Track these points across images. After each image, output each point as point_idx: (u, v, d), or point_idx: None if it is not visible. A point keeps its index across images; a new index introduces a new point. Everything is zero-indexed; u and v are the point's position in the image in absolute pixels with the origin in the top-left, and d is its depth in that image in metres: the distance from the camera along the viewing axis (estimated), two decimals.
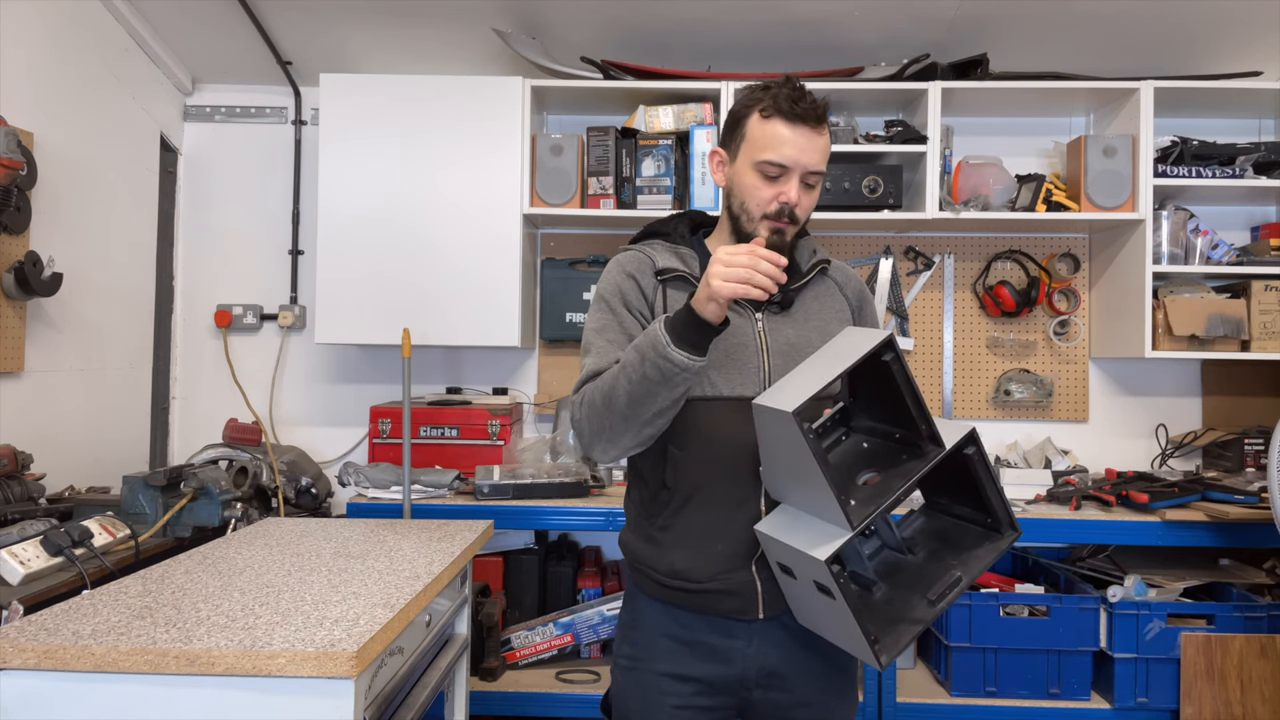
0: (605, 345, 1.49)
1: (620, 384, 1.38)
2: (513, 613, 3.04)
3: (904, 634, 1.34)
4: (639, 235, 1.64)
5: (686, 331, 1.33)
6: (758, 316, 1.53)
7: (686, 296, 1.48)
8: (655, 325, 1.36)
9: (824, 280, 1.61)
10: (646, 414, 1.39)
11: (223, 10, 3.00)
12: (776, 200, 1.46)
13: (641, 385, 1.36)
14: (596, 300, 1.56)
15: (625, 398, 1.38)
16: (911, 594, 1.38)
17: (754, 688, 1.52)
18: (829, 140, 1.49)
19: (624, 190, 3.05)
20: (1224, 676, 2.62)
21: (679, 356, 1.32)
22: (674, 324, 1.34)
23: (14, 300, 2.57)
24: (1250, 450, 3.03)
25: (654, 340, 1.34)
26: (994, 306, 3.28)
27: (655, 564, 1.53)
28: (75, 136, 2.84)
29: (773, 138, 1.45)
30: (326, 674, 1.32)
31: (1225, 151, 3.01)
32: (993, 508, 1.39)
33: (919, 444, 1.33)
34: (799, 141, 1.44)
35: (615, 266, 1.57)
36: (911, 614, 1.35)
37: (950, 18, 2.96)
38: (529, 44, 3.04)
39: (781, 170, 1.45)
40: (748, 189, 1.48)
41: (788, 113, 1.44)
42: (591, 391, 1.44)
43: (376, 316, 2.99)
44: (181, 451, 3.40)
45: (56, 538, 2.06)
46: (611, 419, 1.41)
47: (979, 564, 1.38)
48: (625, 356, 1.39)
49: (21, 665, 1.32)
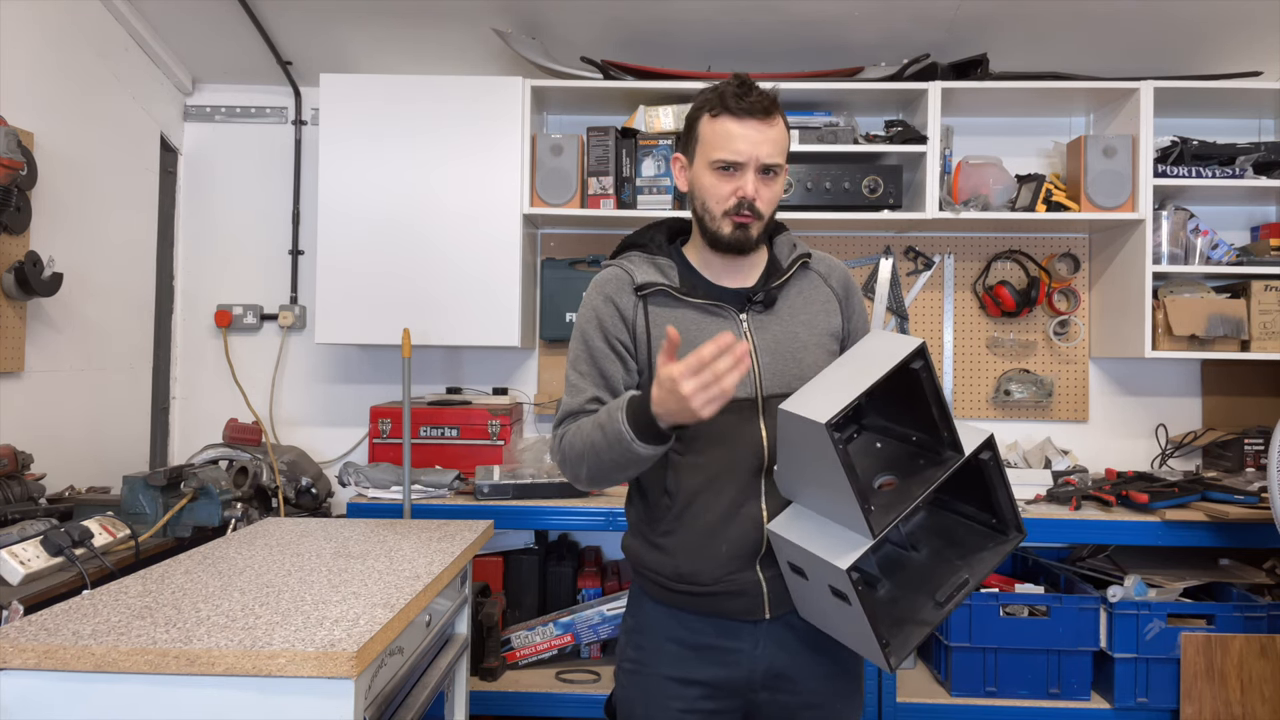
0: (578, 380, 1.53)
1: (589, 457, 1.43)
2: (513, 613, 3.03)
3: (913, 636, 1.34)
4: (618, 249, 1.65)
5: (649, 429, 1.34)
6: (743, 317, 1.54)
7: (665, 310, 1.51)
8: (619, 416, 1.36)
9: (806, 274, 1.61)
10: (623, 477, 1.47)
11: (223, 10, 3.00)
12: (734, 195, 1.48)
13: (611, 465, 1.41)
14: (575, 330, 1.59)
15: (596, 469, 1.44)
16: (918, 594, 1.37)
17: (760, 690, 1.52)
18: (783, 131, 1.51)
19: (624, 190, 3.05)
20: (1224, 676, 2.62)
21: (643, 450, 1.36)
22: (638, 419, 1.34)
23: (14, 300, 2.57)
24: (1250, 450, 3.03)
25: (618, 434, 1.36)
26: (994, 306, 3.28)
27: (660, 568, 1.53)
28: (75, 136, 2.84)
29: (723, 135, 1.47)
30: (326, 674, 1.32)
31: (1225, 151, 3.01)
32: (1001, 510, 1.39)
33: (938, 450, 1.32)
34: (749, 135, 1.46)
35: (594, 290, 1.58)
36: (919, 615, 1.35)
37: (950, 18, 2.96)
38: (529, 44, 3.04)
39: (735, 165, 1.47)
40: (706, 189, 1.50)
41: (734, 109, 1.46)
42: (566, 446, 1.49)
43: (376, 316, 2.99)
44: (181, 451, 3.40)
45: (56, 538, 2.06)
46: (586, 475, 1.47)
47: (985, 566, 1.38)
48: (592, 434, 1.42)
49: (21, 665, 1.32)
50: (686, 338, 1.50)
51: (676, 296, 1.52)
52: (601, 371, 1.52)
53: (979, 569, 1.37)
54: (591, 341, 1.53)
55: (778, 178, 1.51)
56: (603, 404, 1.50)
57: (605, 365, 1.52)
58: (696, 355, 1.25)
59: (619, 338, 1.52)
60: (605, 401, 1.50)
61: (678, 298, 1.52)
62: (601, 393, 1.51)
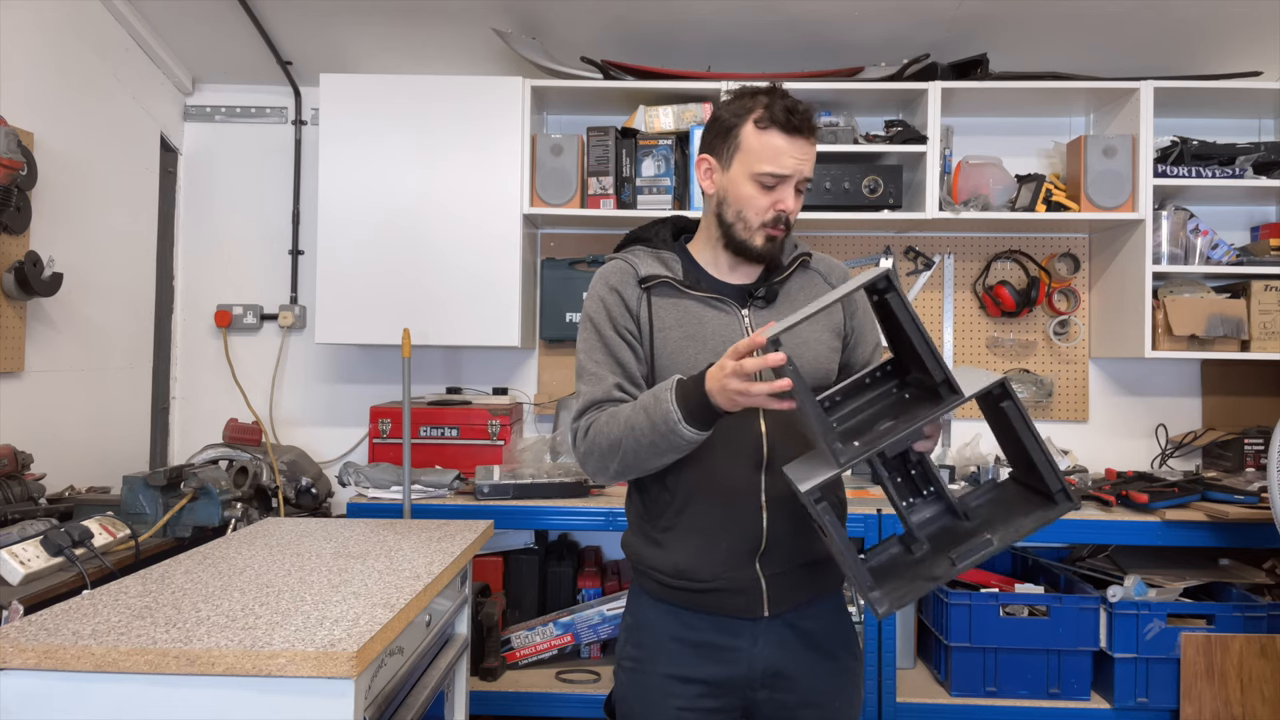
0: (595, 369, 1.53)
1: (628, 442, 1.42)
2: (513, 613, 3.03)
3: (913, 590, 1.33)
4: (622, 242, 1.66)
5: (699, 410, 1.35)
6: (744, 313, 1.55)
7: (669, 301, 1.51)
8: (667, 397, 1.37)
9: (806, 272, 1.63)
10: (653, 466, 1.46)
11: (223, 10, 3.00)
12: (774, 209, 1.50)
13: (650, 449, 1.41)
14: (583, 321, 1.58)
15: (632, 455, 1.43)
16: (941, 555, 1.35)
17: (759, 688, 1.52)
18: (815, 147, 1.54)
19: (624, 190, 3.05)
20: (1224, 676, 2.62)
21: (688, 433, 1.37)
22: (687, 402, 1.36)
23: (14, 300, 2.57)
24: (1250, 450, 3.03)
25: (665, 414, 1.37)
26: (994, 306, 3.28)
27: (659, 565, 1.53)
28: (75, 136, 2.84)
29: (771, 149, 1.48)
30: (326, 674, 1.32)
31: (1225, 151, 3.01)
32: (1038, 468, 1.33)
33: (939, 392, 1.30)
34: (797, 153, 1.48)
35: (599, 280, 1.59)
36: (930, 572, 1.33)
37: (950, 18, 2.96)
38: (529, 44, 3.04)
39: (780, 180, 1.49)
40: (745, 199, 1.51)
41: (784, 124, 1.47)
42: (595, 435, 1.48)
43: (376, 316, 2.99)
44: (181, 451, 3.39)
45: (56, 538, 2.06)
46: (618, 464, 1.46)
47: (1017, 532, 1.34)
48: (633, 417, 1.42)
49: (21, 665, 1.32)
50: (689, 329, 1.52)
51: (680, 289, 1.53)
52: (618, 359, 1.52)
53: (1009, 534, 1.33)
54: (603, 330, 1.54)
55: (804, 193, 1.54)
56: (625, 390, 1.50)
57: (620, 353, 1.53)
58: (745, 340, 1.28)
59: (627, 327, 1.53)
60: (626, 388, 1.51)
61: (681, 290, 1.53)
62: (621, 379, 1.52)
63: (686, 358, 1.50)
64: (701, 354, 1.49)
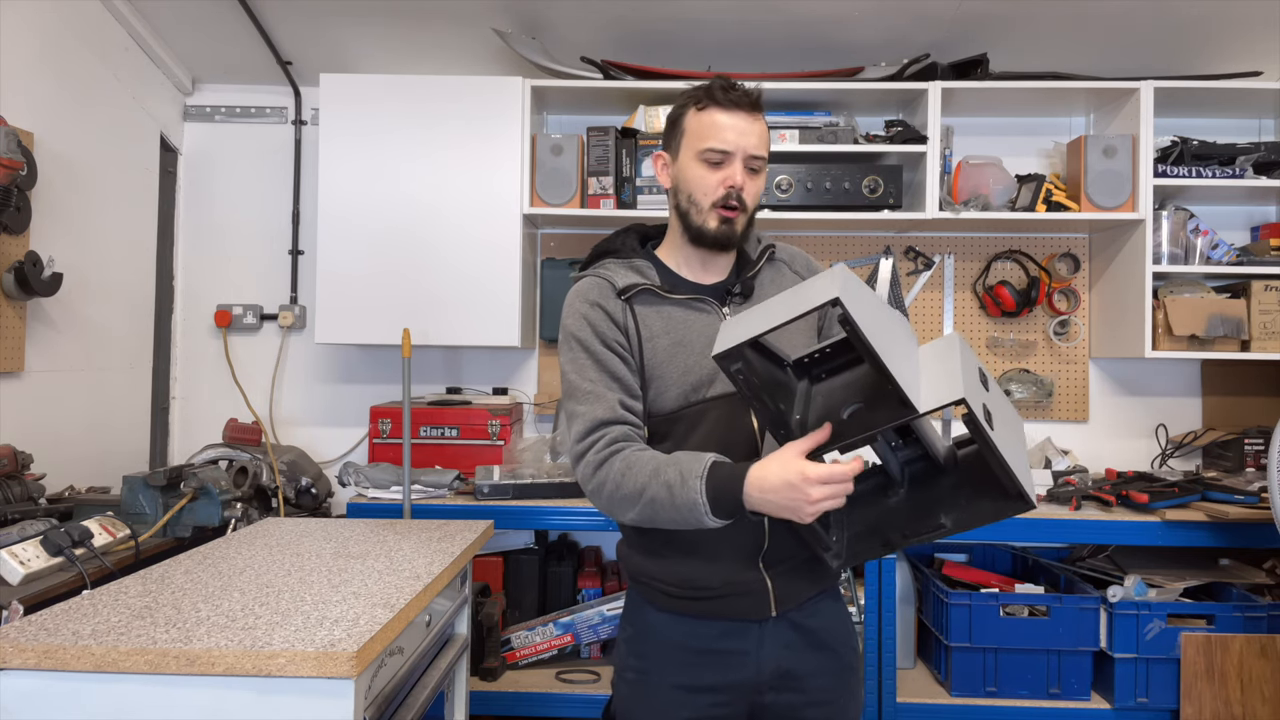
0: (592, 388, 1.47)
1: (644, 511, 1.40)
2: (513, 613, 3.03)
3: (867, 551, 1.37)
4: (589, 259, 1.62)
5: (730, 507, 1.35)
6: (725, 310, 1.54)
7: (651, 308, 1.51)
8: (696, 486, 1.35)
9: (774, 263, 1.63)
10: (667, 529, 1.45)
11: (223, 10, 3.00)
12: (722, 185, 1.49)
13: (668, 522, 1.40)
14: (566, 340, 1.52)
15: (648, 521, 1.42)
16: (911, 516, 1.35)
17: (767, 690, 1.52)
18: (766, 128, 1.53)
19: (624, 190, 3.05)
20: (1224, 676, 2.62)
21: (714, 524, 1.37)
22: (718, 498, 1.34)
23: (14, 300, 2.57)
24: (1250, 450, 3.02)
25: (692, 504, 1.35)
26: (994, 306, 3.28)
27: (663, 576, 1.52)
28: (75, 136, 2.84)
29: (710, 125, 1.49)
30: (326, 674, 1.32)
31: (1225, 151, 3.01)
32: (997, 478, 1.31)
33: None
34: (737, 125, 1.49)
35: (576, 298, 1.54)
36: (886, 535, 1.36)
37: (950, 17, 2.96)
38: (529, 44, 3.04)
39: (724, 155, 1.49)
40: (693, 180, 1.51)
41: (721, 101, 1.50)
42: (608, 479, 1.42)
43: (376, 316, 2.99)
44: (181, 451, 3.39)
45: (56, 538, 2.06)
46: (634, 520, 1.44)
47: (977, 518, 1.33)
48: (655, 490, 1.38)
49: (21, 665, 1.33)
50: (676, 335, 1.51)
51: (661, 294, 1.52)
52: (613, 374, 1.48)
53: (968, 519, 1.32)
54: (591, 346, 1.49)
55: (760, 174, 1.53)
56: (627, 407, 1.47)
57: (614, 367, 1.48)
58: (836, 469, 1.27)
59: (616, 339, 1.50)
60: (628, 403, 1.47)
61: (662, 295, 1.52)
62: (622, 395, 1.47)
63: (676, 365, 1.49)
64: (691, 359, 1.48)
